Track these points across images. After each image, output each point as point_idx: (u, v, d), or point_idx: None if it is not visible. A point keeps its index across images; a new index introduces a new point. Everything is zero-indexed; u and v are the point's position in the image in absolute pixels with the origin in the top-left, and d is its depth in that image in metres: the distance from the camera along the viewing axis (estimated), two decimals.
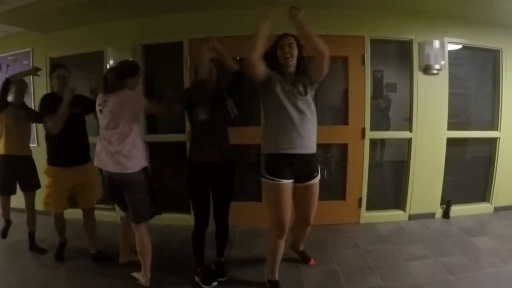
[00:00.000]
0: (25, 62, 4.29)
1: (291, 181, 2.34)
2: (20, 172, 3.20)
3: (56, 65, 3.02)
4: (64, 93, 2.69)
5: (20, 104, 3.17)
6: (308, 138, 2.32)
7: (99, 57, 3.90)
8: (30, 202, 3.25)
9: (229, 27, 3.61)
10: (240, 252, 3.14)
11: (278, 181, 2.29)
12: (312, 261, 2.92)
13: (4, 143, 3.12)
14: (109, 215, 3.81)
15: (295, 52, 2.35)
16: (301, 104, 2.29)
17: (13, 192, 3.26)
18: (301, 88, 2.32)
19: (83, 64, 4.09)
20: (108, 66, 3.76)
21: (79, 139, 2.90)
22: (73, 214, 3.12)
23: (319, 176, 2.45)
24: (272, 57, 2.36)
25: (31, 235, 3.24)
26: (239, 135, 3.68)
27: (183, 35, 3.69)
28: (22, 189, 3.27)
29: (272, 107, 2.33)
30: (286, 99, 2.28)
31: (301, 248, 2.97)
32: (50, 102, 2.77)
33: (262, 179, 2.37)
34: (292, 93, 2.29)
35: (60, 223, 2.99)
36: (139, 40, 3.81)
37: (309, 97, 2.34)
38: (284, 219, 2.33)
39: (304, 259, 2.95)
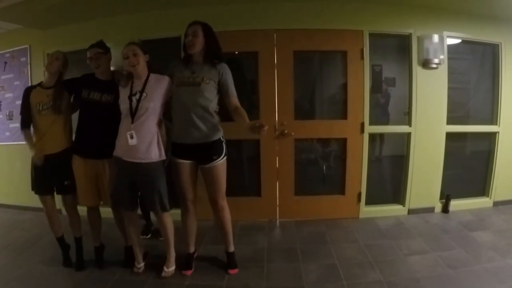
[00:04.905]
0: (23, 59, 4.27)
1: (189, 161, 2.52)
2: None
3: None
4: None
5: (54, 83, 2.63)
6: (201, 129, 2.42)
7: None
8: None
9: (228, 21, 3.59)
10: (239, 246, 3.14)
11: (176, 159, 2.53)
12: (233, 271, 2.69)
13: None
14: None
15: (199, 40, 2.41)
16: (192, 94, 2.38)
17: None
18: (197, 79, 2.38)
19: (81, 60, 4.06)
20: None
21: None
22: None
23: (220, 159, 2.52)
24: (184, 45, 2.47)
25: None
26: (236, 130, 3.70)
27: (182, 30, 3.64)
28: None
29: (173, 98, 2.49)
30: (180, 89, 2.42)
31: (230, 250, 2.77)
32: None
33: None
34: (186, 84, 2.40)
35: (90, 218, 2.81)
36: (137, 36, 3.78)
37: (203, 87, 2.37)
38: (183, 192, 2.57)
39: (228, 264, 2.74)
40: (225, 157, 2.55)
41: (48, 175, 2.62)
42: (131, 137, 2.38)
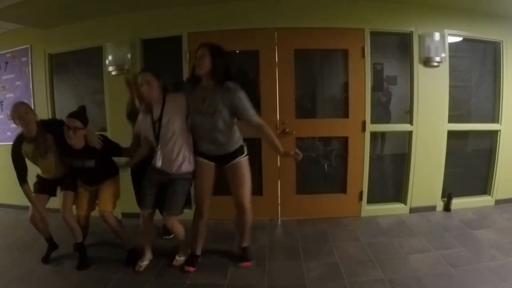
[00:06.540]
0: (24, 59, 4.27)
1: (211, 163, 2.62)
2: None
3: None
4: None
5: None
6: (221, 145, 2.54)
7: (98, 52, 3.89)
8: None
9: (229, 20, 3.60)
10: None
11: (199, 158, 2.62)
12: (246, 264, 2.80)
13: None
14: None
15: (206, 62, 2.37)
16: (208, 122, 2.45)
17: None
18: (210, 109, 2.43)
19: (82, 60, 4.07)
20: (107, 62, 3.75)
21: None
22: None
23: (242, 157, 2.61)
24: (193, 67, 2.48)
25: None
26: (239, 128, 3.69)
27: (182, 29, 3.67)
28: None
29: (190, 120, 2.57)
30: (196, 117, 2.51)
31: (244, 245, 2.88)
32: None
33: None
34: (201, 113, 2.46)
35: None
36: (138, 35, 3.78)
37: (218, 116, 2.42)
38: (201, 194, 2.64)
39: (241, 257, 2.85)
40: (247, 156, 2.65)
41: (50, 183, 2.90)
42: (159, 161, 2.56)
